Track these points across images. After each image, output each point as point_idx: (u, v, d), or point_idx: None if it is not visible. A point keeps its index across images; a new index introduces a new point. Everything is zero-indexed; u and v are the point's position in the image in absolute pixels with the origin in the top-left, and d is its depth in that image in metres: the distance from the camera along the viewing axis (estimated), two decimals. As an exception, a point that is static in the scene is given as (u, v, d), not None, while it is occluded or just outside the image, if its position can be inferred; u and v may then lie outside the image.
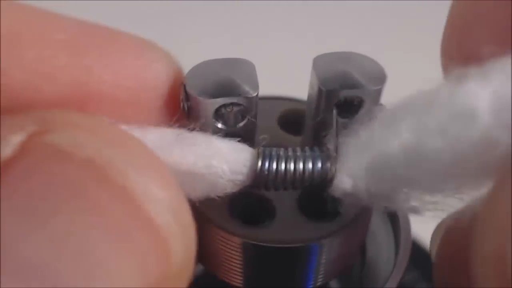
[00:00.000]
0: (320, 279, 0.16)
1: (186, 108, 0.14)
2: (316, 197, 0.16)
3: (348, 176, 0.14)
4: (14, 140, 0.10)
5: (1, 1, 0.12)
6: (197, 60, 0.15)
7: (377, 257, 0.18)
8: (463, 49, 0.14)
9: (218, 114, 0.14)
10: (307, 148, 0.14)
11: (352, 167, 0.14)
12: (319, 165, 0.14)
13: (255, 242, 0.15)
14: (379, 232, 0.18)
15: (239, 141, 0.14)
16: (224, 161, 0.13)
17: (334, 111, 0.15)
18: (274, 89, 0.17)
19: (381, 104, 0.15)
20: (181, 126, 0.14)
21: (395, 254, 0.18)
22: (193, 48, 0.40)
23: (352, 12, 0.51)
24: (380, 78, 0.15)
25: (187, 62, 0.15)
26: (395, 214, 0.18)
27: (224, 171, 0.13)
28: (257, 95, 0.14)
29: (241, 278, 0.16)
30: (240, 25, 0.48)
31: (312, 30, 0.48)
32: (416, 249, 0.18)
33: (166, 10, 0.49)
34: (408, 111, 0.12)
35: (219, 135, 0.14)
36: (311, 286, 0.16)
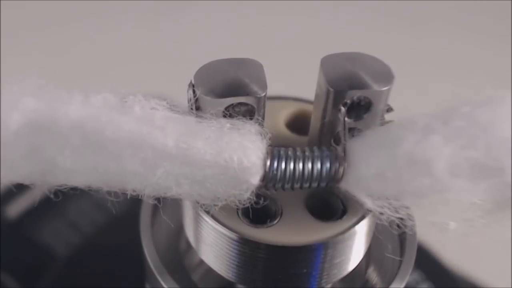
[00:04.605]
0: (325, 280, 0.16)
1: (194, 108, 0.14)
2: (323, 197, 0.16)
3: (356, 177, 0.14)
4: None
5: None
6: (205, 60, 0.15)
7: (382, 257, 0.18)
8: None
9: (226, 114, 0.14)
10: (315, 148, 0.14)
11: (360, 169, 0.14)
12: (328, 165, 0.14)
13: (262, 242, 0.15)
14: (384, 232, 0.18)
15: None
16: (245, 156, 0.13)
17: (342, 112, 0.15)
18: (281, 89, 0.17)
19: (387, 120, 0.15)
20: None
21: (400, 254, 0.18)
22: (201, 48, 0.40)
23: (360, 12, 0.51)
24: (388, 78, 0.15)
25: (195, 62, 0.15)
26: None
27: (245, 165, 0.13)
28: (265, 95, 0.14)
29: (247, 277, 0.16)
30: (249, 24, 0.48)
31: (320, 30, 0.48)
32: (419, 248, 0.18)
33: (174, 9, 0.49)
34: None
35: None
36: (315, 287, 0.16)
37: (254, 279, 0.16)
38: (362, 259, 0.17)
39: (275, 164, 0.14)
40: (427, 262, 0.25)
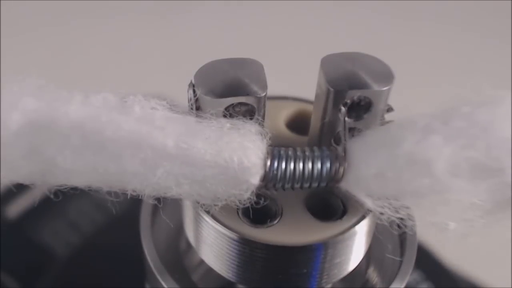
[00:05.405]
0: (325, 280, 0.16)
1: (194, 108, 0.14)
2: (323, 197, 0.16)
3: (356, 177, 0.14)
4: None
5: None
6: (205, 60, 0.15)
7: (382, 257, 0.18)
8: None
9: (226, 114, 0.14)
10: (315, 148, 0.14)
11: (360, 169, 0.14)
12: (328, 165, 0.14)
13: (262, 242, 0.15)
14: (384, 232, 0.18)
15: None
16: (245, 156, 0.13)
17: (342, 111, 0.15)
18: (281, 89, 0.17)
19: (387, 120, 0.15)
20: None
21: (400, 254, 0.18)
22: (201, 48, 0.40)
23: (360, 12, 0.51)
24: (388, 78, 0.15)
25: (195, 62, 0.15)
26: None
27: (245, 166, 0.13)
28: (265, 95, 0.14)
29: (247, 277, 0.16)
30: (249, 24, 0.48)
31: (320, 30, 0.48)
32: (419, 248, 0.18)
33: (174, 9, 0.49)
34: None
35: None
36: (315, 287, 0.16)
37: (254, 279, 0.16)
38: (362, 259, 0.17)
39: (275, 164, 0.14)
40: (427, 262, 0.25)
